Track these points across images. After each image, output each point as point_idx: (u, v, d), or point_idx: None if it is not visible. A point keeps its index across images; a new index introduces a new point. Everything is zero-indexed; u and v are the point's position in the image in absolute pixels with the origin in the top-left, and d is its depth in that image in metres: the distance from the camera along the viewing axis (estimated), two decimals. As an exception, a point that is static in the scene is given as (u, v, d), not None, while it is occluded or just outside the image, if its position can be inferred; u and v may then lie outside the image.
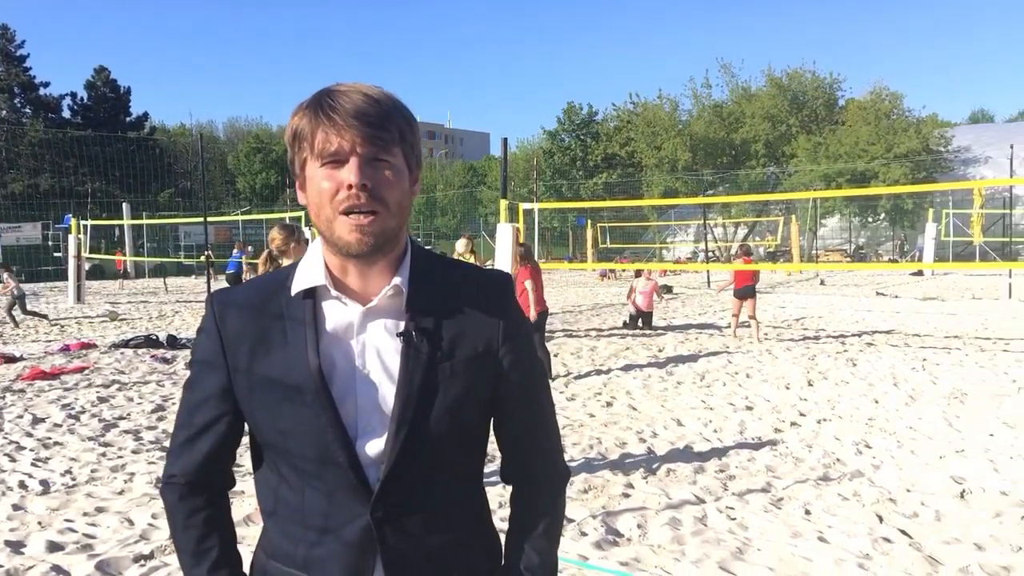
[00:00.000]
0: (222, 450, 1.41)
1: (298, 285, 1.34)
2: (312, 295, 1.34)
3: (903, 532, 4.65)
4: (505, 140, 13.80)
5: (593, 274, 33.10)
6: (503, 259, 13.08)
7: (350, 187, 1.24)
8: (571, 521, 4.83)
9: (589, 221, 40.32)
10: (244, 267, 18.53)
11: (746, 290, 13.04)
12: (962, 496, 5.30)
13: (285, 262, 4.91)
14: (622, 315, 16.45)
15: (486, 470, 1.51)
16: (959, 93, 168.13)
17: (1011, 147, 24.22)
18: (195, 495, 1.41)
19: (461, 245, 10.80)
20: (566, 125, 55.66)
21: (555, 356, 11.44)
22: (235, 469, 1.47)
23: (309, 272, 1.34)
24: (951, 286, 24.78)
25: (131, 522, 4.88)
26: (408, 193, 1.32)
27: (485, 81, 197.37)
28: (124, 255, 33.91)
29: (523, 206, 14.15)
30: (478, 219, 56.94)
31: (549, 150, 55.04)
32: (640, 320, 14.72)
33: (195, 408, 1.39)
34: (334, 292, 1.32)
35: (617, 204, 38.05)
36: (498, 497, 4.79)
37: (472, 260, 10.52)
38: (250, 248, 23.96)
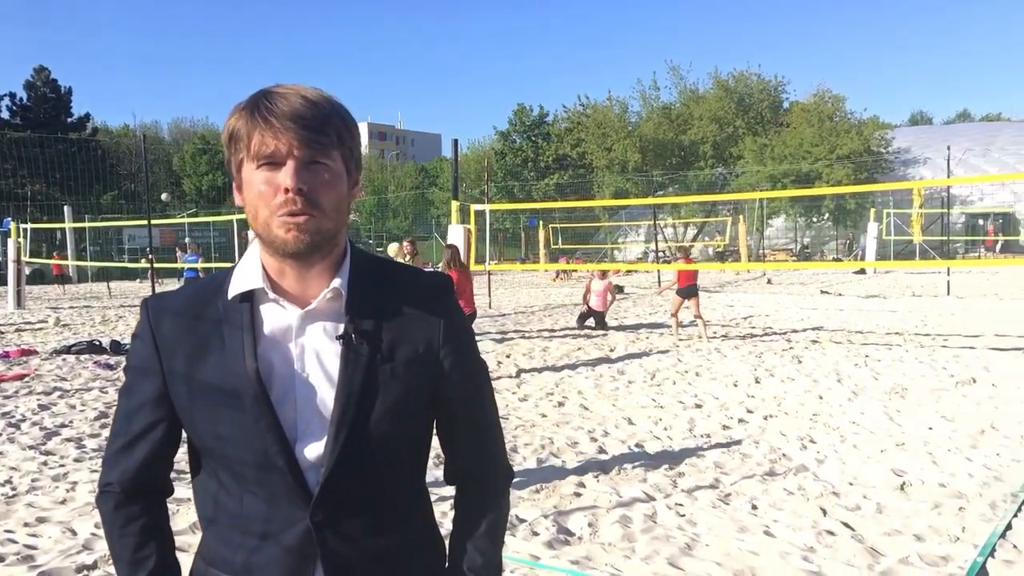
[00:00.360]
0: (159, 457, 1.39)
1: (235, 288, 1.33)
2: (250, 298, 1.32)
3: (846, 525, 4.77)
4: (456, 141, 13.83)
5: (546, 275, 33.25)
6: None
7: (287, 191, 1.23)
8: (523, 521, 4.86)
9: (541, 222, 40.51)
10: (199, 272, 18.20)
11: (689, 289, 13.30)
12: (902, 488, 5.46)
13: None
14: (575, 315, 16.56)
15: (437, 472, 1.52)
16: (899, 96, 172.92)
17: (948, 148, 24.94)
18: (131, 503, 1.39)
19: (392, 250, 10.70)
20: (517, 126, 55.83)
21: (507, 356, 11.48)
22: (183, 476, 1.46)
23: (246, 275, 1.33)
24: (892, 284, 25.44)
25: (73, 532, 4.77)
26: (346, 196, 1.32)
27: (436, 82, 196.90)
28: (63, 259, 32.93)
29: (474, 207, 14.17)
30: (430, 220, 56.70)
31: (501, 151, 55.13)
32: (593, 320, 14.84)
33: (130, 415, 1.37)
34: (272, 295, 1.31)
35: (568, 205, 38.30)
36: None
37: (413, 262, 10.43)
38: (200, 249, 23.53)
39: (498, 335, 14.06)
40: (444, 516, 4.47)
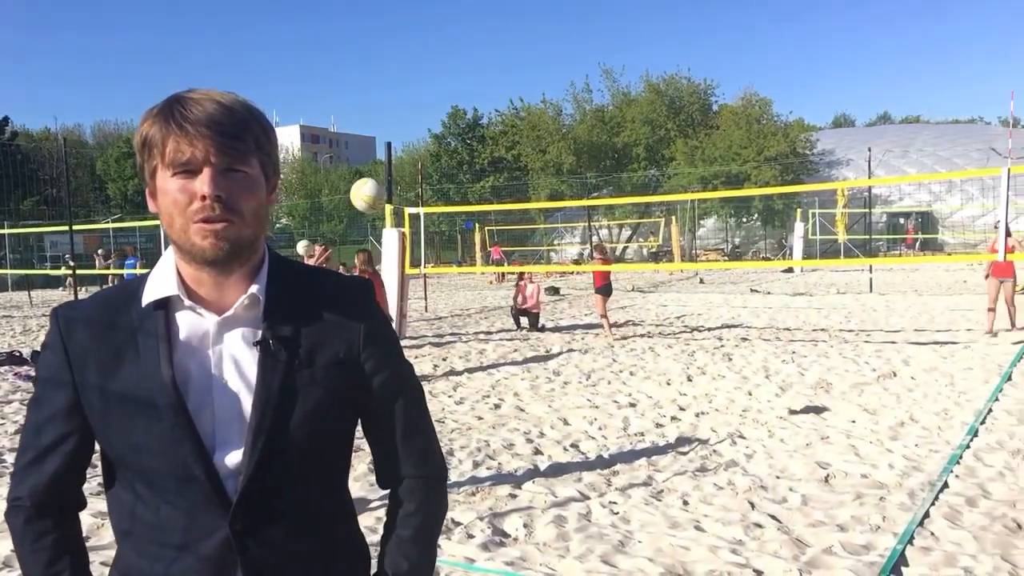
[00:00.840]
0: (70, 470, 1.36)
1: (149, 295, 1.31)
2: (164, 306, 1.30)
3: (773, 517, 4.91)
4: (389, 144, 13.76)
5: (483, 277, 33.26)
6: (390, 264, 13.02)
7: (204, 198, 1.22)
8: (458, 524, 4.87)
9: (477, 224, 40.50)
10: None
11: (604, 288, 13.66)
12: (826, 480, 5.64)
13: None
14: (512, 317, 16.63)
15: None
16: (823, 99, 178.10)
17: (869, 150, 25.75)
18: (42, 517, 1.36)
19: (301, 248, 10.53)
20: (452, 129, 55.72)
21: (444, 359, 11.46)
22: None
23: (161, 282, 1.31)
24: (818, 282, 26.18)
25: (-8, 551, 4.60)
26: (265, 202, 1.31)
27: (370, 85, 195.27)
28: None
29: (409, 210, 14.09)
30: (365, 224, 56.16)
31: (436, 153, 54.96)
32: (527, 320, 14.91)
33: (40, 427, 1.34)
34: (188, 302, 1.30)
35: (504, 207, 38.38)
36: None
37: (327, 265, 10.26)
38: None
39: (434, 338, 14.03)
40: (380, 522, 4.46)
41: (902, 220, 45.61)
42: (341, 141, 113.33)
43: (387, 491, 1.50)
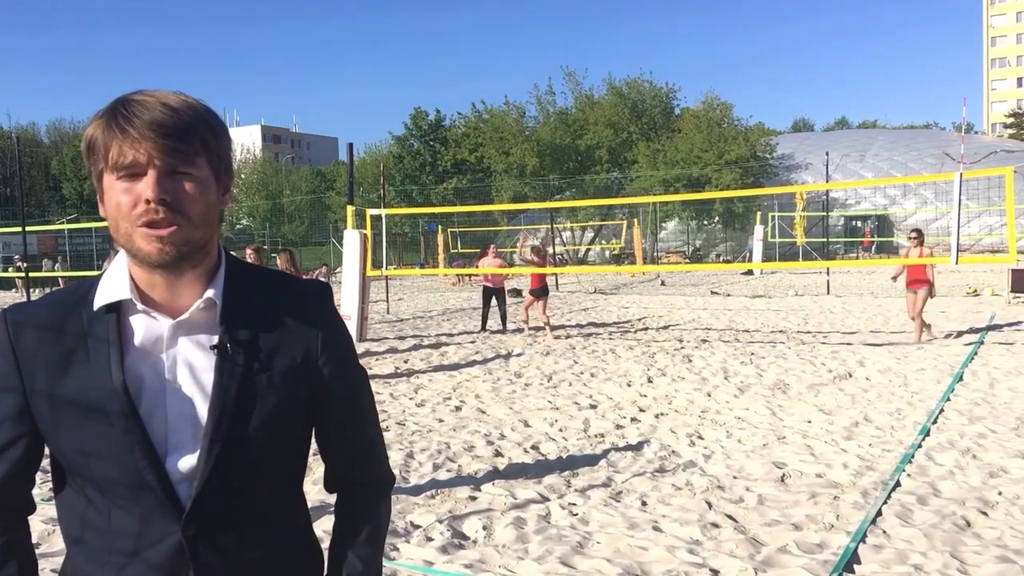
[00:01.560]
0: (19, 474, 1.34)
1: (101, 299, 1.29)
2: (116, 309, 1.28)
3: (730, 517, 4.96)
4: (351, 145, 13.67)
5: (445, 279, 33.19)
6: (351, 266, 12.94)
7: (148, 201, 1.20)
8: (417, 527, 4.85)
9: (440, 226, 40.42)
10: None
11: (539, 290, 14.14)
12: (782, 480, 5.72)
13: None
14: (473, 319, 16.63)
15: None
16: (782, 103, 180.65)
17: (827, 154, 26.18)
18: None
19: (250, 256, 10.12)
20: (414, 131, 55.51)
21: (405, 362, 11.42)
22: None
23: (113, 285, 1.29)
24: (777, 284, 26.55)
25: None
26: (215, 204, 1.29)
27: (332, 85, 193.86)
28: None
29: (371, 212, 14.01)
30: (327, 225, 55.68)
31: (399, 155, 54.74)
32: (499, 306, 15.10)
33: None
34: (141, 306, 1.28)
35: (466, 209, 38.34)
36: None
37: (289, 269, 9.98)
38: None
39: (396, 340, 13.96)
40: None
41: (859, 223, 46.47)
42: (303, 142, 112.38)
43: (333, 495, 1.50)
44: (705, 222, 48.85)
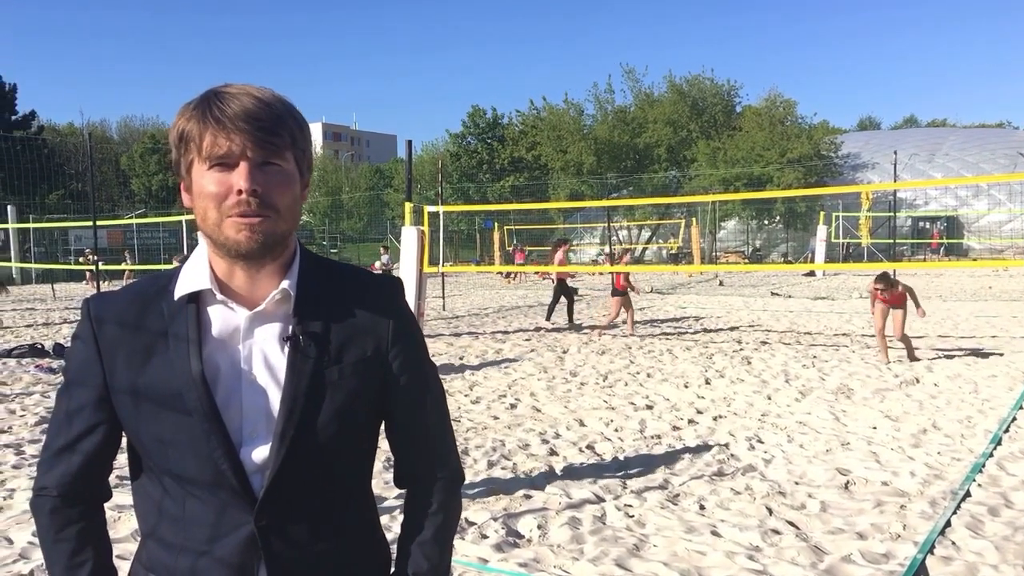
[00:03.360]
0: (98, 461, 1.36)
1: (181, 289, 1.30)
2: (196, 300, 1.30)
3: (791, 524, 4.84)
4: (410, 142, 13.73)
5: (501, 277, 33.26)
6: (408, 262, 13.02)
7: (240, 192, 1.22)
8: (472, 524, 4.84)
9: (496, 224, 40.52)
10: None
11: (622, 291, 14.08)
12: (846, 487, 5.55)
13: None
14: (528, 316, 16.60)
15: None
16: (848, 101, 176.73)
17: (895, 153, 25.53)
18: (68, 508, 1.36)
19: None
20: (471, 128, 55.75)
21: (460, 359, 11.44)
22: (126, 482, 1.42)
23: (194, 276, 1.31)
24: (840, 286, 25.94)
25: (10, 541, 4.63)
26: (299, 198, 1.31)
27: (392, 83, 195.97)
28: None
29: (428, 209, 14.09)
30: (385, 222, 56.37)
31: (456, 153, 55.04)
32: (566, 299, 15.16)
33: (69, 418, 1.34)
34: (220, 296, 1.30)
35: (523, 207, 38.38)
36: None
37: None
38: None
39: (451, 337, 14.02)
40: (393, 520, 4.44)
41: (927, 225, 45.16)
42: (362, 139, 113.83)
43: (403, 490, 1.50)
44: (765, 222, 48.02)
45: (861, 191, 32.06)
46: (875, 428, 7.16)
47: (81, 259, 30.69)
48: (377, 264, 24.88)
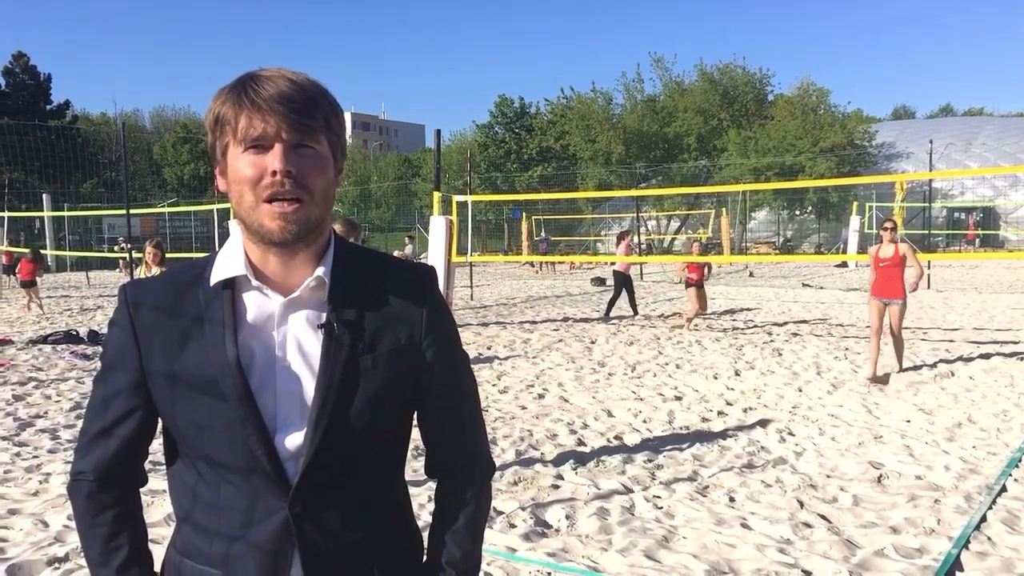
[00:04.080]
0: (134, 446, 1.37)
1: (217, 275, 1.31)
2: (231, 286, 1.31)
3: (822, 517, 4.78)
4: (438, 132, 13.71)
5: (529, 267, 33.22)
6: (436, 252, 13.03)
7: (274, 173, 1.22)
8: (500, 513, 4.84)
9: (524, 214, 40.44)
10: None
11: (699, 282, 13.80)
12: (879, 481, 5.48)
13: None
14: (556, 307, 16.55)
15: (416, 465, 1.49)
16: (883, 90, 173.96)
17: (931, 142, 25.06)
18: (104, 492, 1.37)
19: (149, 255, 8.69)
20: (499, 118, 55.60)
21: (488, 348, 11.45)
22: (159, 467, 1.42)
23: (229, 262, 1.32)
24: (873, 277, 25.54)
25: (45, 524, 4.71)
26: (332, 182, 1.31)
27: (420, 73, 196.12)
28: (11, 248, 31.67)
29: (457, 198, 14.09)
30: (413, 212, 56.51)
31: (484, 143, 54.94)
32: (626, 292, 15.13)
33: (106, 402, 1.35)
34: (255, 282, 1.30)
35: (551, 197, 38.19)
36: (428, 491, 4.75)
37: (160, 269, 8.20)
38: None
39: (479, 326, 14.03)
40: (422, 508, 4.45)
41: (963, 215, 44.38)
42: (391, 129, 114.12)
43: (434, 480, 1.50)
44: (797, 212, 47.46)
45: (895, 181, 31.57)
46: (909, 421, 7.05)
47: (116, 248, 31.06)
48: (396, 254, 24.95)
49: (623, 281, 15.33)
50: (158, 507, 4.78)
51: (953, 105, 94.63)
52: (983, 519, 4.71)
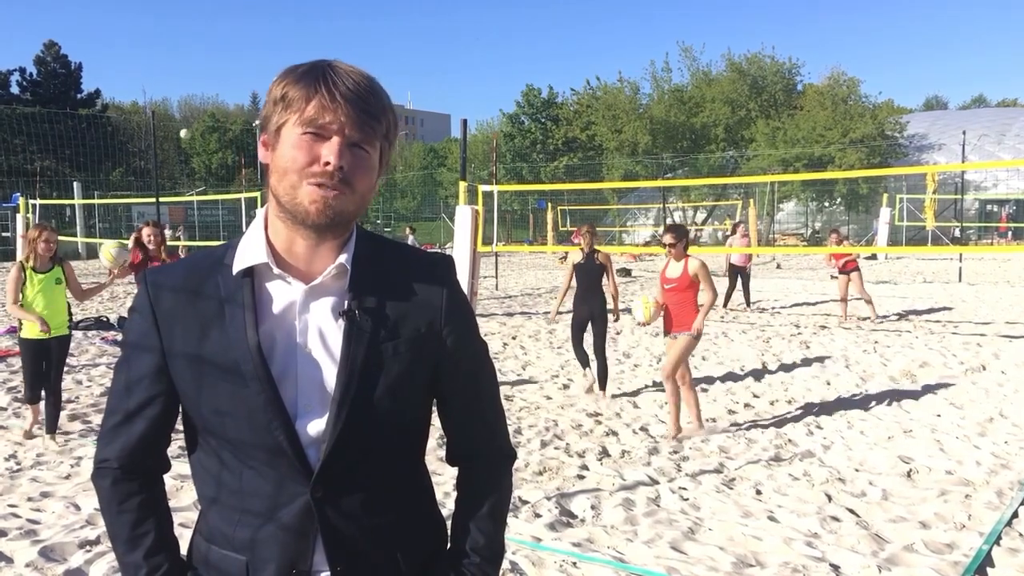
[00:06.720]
0: (157, 433, 1.37)
1: (239, 263, 1.31)
2: (252, 273, 1.31)
3: (851, 511, 4.74)
4: (464, 121, 13.67)
5: (554, 257, 33.16)
6: (462, 241, 13.04)
7: (327, 164, 1.23)
8: (525, 503, 4.84)
9: (549, 204, 40.34)
10: None
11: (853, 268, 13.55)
12: (908, 475, 5.41)
13: None
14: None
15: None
16: (914, 80, 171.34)
17: (963, 133, 24.68)
18: (129, 479, 1.37)
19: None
20: (525, 108, 55.44)
21: (513, 338, 11.45)
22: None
23: (250, 250, 1.32)
24: (903, 270, 25.27)
25: (77, 507, 4.78)
26: (373, 186, 1.32)
27: (446, 62, 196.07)
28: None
29: (482, 188, 14.05)
30: (438, 201, 56.56)
31: (510, 133, 54.83)
32: (740, 282, 14.83)
33: (128, 390, 1.36)
34: (277, 270, 1.31)
35: (577, 187, 38.11)
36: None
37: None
38: None
39: (504, 316, 14.03)
40: (447, 496, 4.46)
41: (995, 207, 43.64)
42: (417, 118, 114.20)
43: (455, 468, 1.50)
44: (826, 203, 46.92)
45: (927, 172, 31.10)
46: (939, 416, 6.96)
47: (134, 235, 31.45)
48: None
49: (738, 273, 14.98)
50: (187, 492, 4.83)
51: (986, 96, 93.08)
52: (1015, 515, 4.64)
